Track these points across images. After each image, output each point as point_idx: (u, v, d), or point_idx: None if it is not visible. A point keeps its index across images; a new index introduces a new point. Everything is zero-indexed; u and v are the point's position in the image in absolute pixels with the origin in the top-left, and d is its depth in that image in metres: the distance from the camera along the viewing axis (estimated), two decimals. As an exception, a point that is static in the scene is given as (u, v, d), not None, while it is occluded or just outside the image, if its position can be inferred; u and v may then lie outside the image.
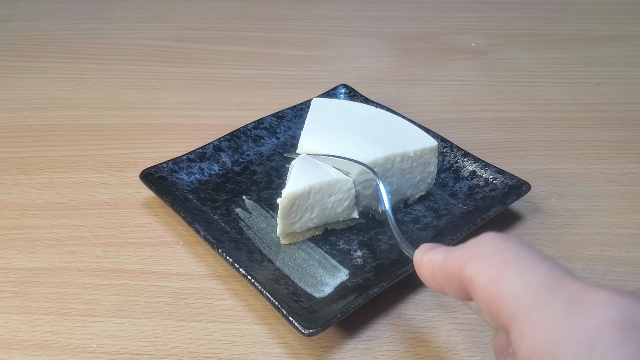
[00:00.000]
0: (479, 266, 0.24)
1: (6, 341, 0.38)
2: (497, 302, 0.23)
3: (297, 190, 0.40)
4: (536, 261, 0.23)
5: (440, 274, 0.27)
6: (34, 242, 0.46)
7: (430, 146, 0.46)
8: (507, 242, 0.24)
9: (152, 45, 0.77)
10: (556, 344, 0.20)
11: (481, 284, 0.23)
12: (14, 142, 0.58)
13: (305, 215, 0.42)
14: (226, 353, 0.37)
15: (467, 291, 0.25)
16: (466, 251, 0.25)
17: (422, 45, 0.77)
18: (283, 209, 0.41)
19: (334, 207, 0.43)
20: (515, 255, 0.23)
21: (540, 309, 0.21)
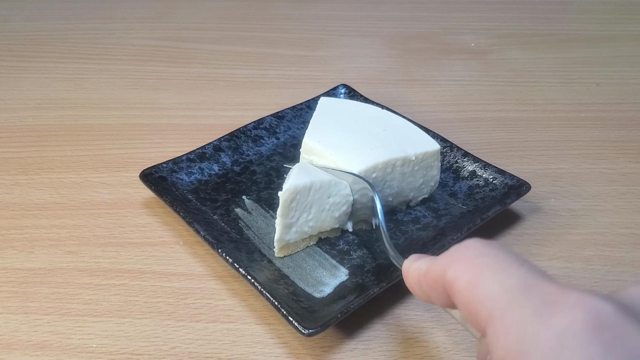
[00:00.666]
0: (459, 270, 0.25)
1: (6, 341, 0.38)
2: (475, 304, 0.23)
3: (299, 184, 0.40)
4: (514, 265, 0.23)
5: (425, 280, 0.27)
6: (34, 242, 0.46)
7: (433, 150, 0.46)
8: (487, 247, 0.25)
9: (152, 45, 0.77)
10: (527, 343, 0.20)
11: (461, 287, 0.24)
12: (14, 142, 0.58)
13: (302, 215, 0.42)
14: (226, 353, 0.37)
15: (450, 296, 0.25)
16: (448, 257, 0.26)
17: (422, 45, 0.77)
18: (284, 202, 0.41)
19: (331, 209, 0.43)
20: (493, 259, 0.24)
21: (514, 309, 0.22)
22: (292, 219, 0.42)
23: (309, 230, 0.43)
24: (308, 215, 0.42)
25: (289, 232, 0.42)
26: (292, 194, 0.40)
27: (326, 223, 0.43)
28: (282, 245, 0.42)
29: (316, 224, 0.43)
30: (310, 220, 0.42)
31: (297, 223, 0.42)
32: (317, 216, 0.42)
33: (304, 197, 0.41)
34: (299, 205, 0.41)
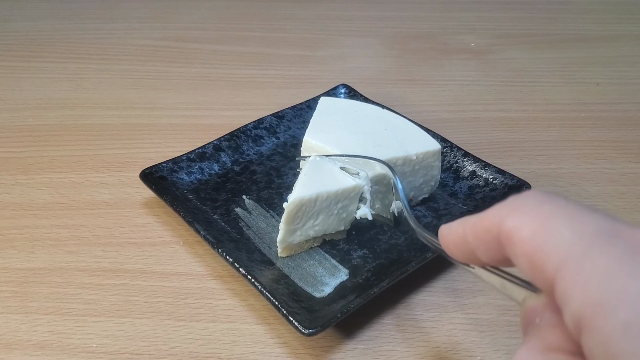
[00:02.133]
0: (522, 219, 0.22)
1: (6, 341, 0.38)
2: (540, 254, 0.21)
3: (304, 196, 0.40)
4: (587, 211, 0.21)
5: (473, 232, 0.25)
6: (34, 242, 0.46)
7: (434, 150, 0.46)
8: (552, 196, 0.22)
9: (152, 45, 0.77)
10: (612, 294, 0.18)
11: (523, 236, 0.21)
12: (14, 142, 0.58)
13: (309, 222, 0.42)
14: (226, 353, 0.37)
15: (503, 249, 0.23)
16: (507, 206, 0.23)
17: (422, 45, 0.77)
18: (289, 214, 0.40)
19: (339, 213, 0.42)
20: (563, 206, 0.21)
21: (595, 257, 0.19)
22: (297, 225, 0.41)
23: (314, 234, 0.43)
24: (315, 221, 0.42)
25: (293, 235, 0.42)
26: (297, 206, 0.40)
27: (333, 226, 0.43)
28: (284, 246, 0.42)
29: (322, 228, 0.43)
30: (317, 225, 0.42)
31: (302, 228, 0.42)
32: (324, 221, 0.42)
33: (310, 207, 0.41)
34: (305, 215, 0.41)
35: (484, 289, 0.42)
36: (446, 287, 0.42)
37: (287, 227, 0.41)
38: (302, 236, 0.42)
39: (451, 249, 0.27)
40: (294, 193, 0.41)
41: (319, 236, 0.43)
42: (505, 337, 0.38)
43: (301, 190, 0.40)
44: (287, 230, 0.41)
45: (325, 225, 0.42)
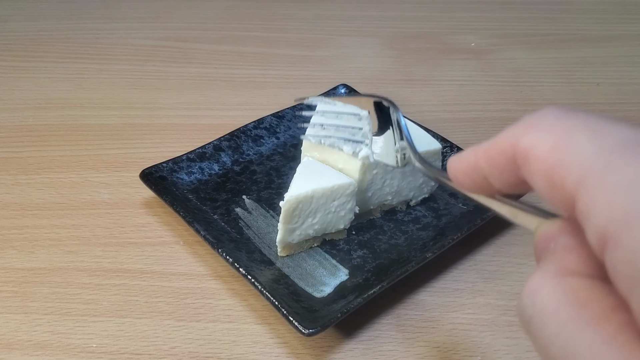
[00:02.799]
0: (539, 135, 0.21)
1: (6, 341, 0.38)
2: (560, 170, 0.19)
3: (300, 194, 0.40)
4: (610, 122, 0.19)
5: (486, 156, 0.23)
6: (34, 242, 0.46)
7: (434, 149, 0.46)
8: (571, 110, 0.21)
9: (152, 45, 0.77)
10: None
11: (541, 153, 0.20)
12: (14, 142, 0.58)
13: (307, 220, 0.42)
14: (226, 353, 0.37)
15: (518, 171, 0.22)
16: (522, 124, 0.22)
17: (422, 45, 0.77)
18: (286, 212, 0.40)
19: (337, 210, 0.43)
20: (584, 119, 0.20)
21: (620, 168, 0.18)
22: (295, 224, 0.42)
23: (313, 233, 0.43)
24: (313, 219, 0.42)
25: (292, 234, 0.42)
26: (293, 204, 0.40)
27: (332, 225, 0.43)
28: (284, 246, 0.42)
29: (321, 227, 0.43)
30: (316, 224, 0.42)
31: (301, 227, 0.42)
32: (322, 219, 0.42)
33: (307, 205, 0.41)
34: (303, 213, 0.41)
35: (484, 289, 0.42)
36: (446, 287, 0.42)
37: (286, 227, 0.41)
38: (302, 235, 0.42)
39: (460, 179, 0.25)
40: (289, 191, 0.41)
41: (318, 235, 0.43)
42: (505, 337, 0.38)
43: (297, 188, 0.40)
44: (286, 229, 0.41)
45: (324, 224, 0.43)
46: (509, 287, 0.42)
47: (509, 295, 0.41)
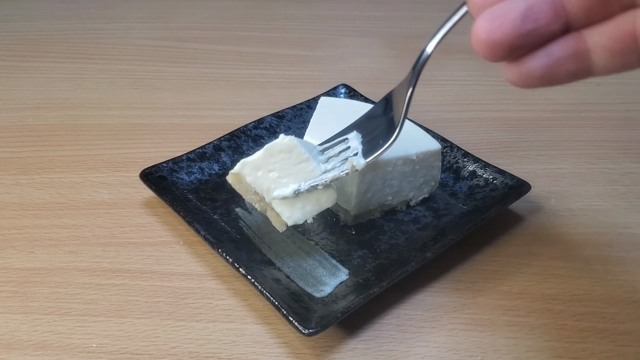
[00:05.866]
0: None
1: (6, 341, 0.38)
2: None
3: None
4: None
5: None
6: (34, 242, 0.46)
7: (434, 150, 0.46)
8: None
9: (152, 45, 0.77)
10: None
11: None
12: (14, 142, 0.58)
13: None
14: (226, 353, 0.37)
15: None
16: None
17: (422, 45, 0.77)
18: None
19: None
20: None
21: None
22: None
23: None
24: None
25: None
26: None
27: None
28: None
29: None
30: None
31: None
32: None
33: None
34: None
35: (484, 289, 0.42)
36: (446, 287, 0.42)
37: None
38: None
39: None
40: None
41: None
42: (505, 337, 0.38)
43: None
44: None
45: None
46: (509, 287, 0.42)
47: (509, 295, 0.41)
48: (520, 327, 0.39)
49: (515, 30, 0.20)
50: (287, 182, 0.38)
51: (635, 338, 0.38)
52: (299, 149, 0.38)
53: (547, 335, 0.38)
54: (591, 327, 0.39)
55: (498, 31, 0.20)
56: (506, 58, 0.21)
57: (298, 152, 0.38)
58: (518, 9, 0.19)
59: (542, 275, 0.43)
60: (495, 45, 0.20)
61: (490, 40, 0.20)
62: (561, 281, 0.42)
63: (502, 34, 0.20)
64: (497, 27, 0.20)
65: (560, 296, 0.41)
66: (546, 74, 0.21)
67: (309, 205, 0.39)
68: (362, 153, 0.37)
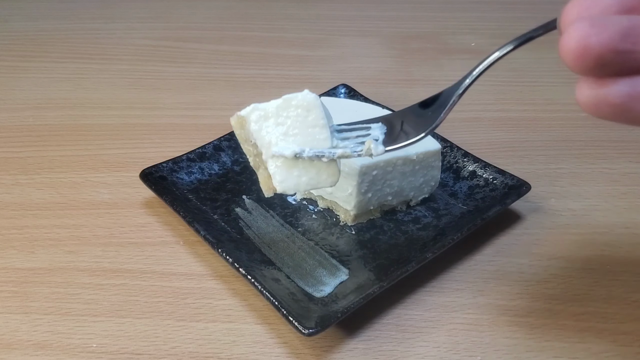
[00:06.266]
0: None
1: (6, 341, 0.38)
2: None
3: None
4: None
5: None
6: (34, 242, 0.46)
7: (434, 149, 0.46)
8: None
9: (152, 45, 0.77)
10: None
11: None
12: (14, 142, 0.58)
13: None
14: (226, 353, 0.37)
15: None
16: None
17: (422, 45, 0.77)
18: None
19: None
20: None
21: None
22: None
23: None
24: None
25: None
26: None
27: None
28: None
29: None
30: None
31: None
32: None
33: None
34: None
35: (484, 289, 0.42)
36: (446, 287, 0.42)
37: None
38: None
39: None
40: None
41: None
42: (505, 337, 0.38)
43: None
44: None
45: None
46: (509, 287, 0.42)
47: (509, 295, 0.41)
48: (520, 327, 0.39)
49: (612, 44, 0.19)
50: (292, 142, 0.34)
51: (635, 338, 0.38)
52: (319, 112, 0.34)
53: (547, 335, 0.38)
54: (591, 327, 0.39)
55: (594, 38, 0.19)
56: (590, 71, 0.20)
57: (317, 114, 0.34)
58: (620, 24, 0.19)
59: (542, 275, 0.43)
60: (586, 51, 0.19)
61: (583, 45, 0.20)
62: (561, 281, 0.42)
63: (597, 42, 0.19)
64: (594, 34, 0.19)
65: (560, 296, 0.41)
66: (622, 105, 0.20)
67: (306, 177, 0.35)
68: (382, 142, 0.34)
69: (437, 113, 0.35)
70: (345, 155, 0.34)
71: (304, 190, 0.35)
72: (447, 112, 0.35)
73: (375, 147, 0.33)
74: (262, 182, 0.36)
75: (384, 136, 0.35)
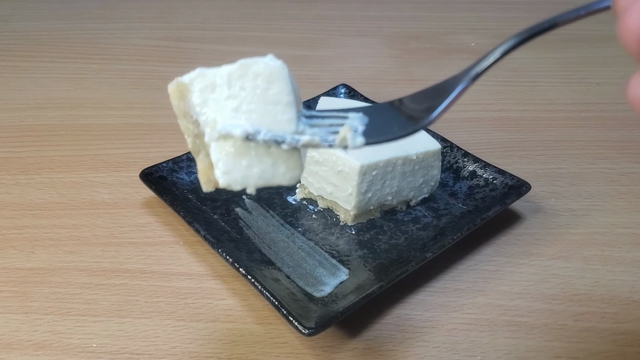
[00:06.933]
0: None
1: (6, 341, 0.38)
2: None
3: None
4: None
5: None
6: (34, 242, 0.46)
7: (434, 149, 0.46)
8: None
9: (152, 45, 0.77)
10: None
11: None
12: (14, 142, 0.58)
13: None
14: (226, 353, 0.37)
15: None
16: None
17: (422, 45, 0.77)
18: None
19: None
20: None
21: None
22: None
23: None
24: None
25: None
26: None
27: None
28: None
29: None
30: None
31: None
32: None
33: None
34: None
35: (484, 289, 0.42)
36: (446, 287, 0.42)
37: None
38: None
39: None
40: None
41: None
42: (505, 337, 0.38)
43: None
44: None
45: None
46: (509, 287, 0.42)
47: (509, 295, 0.41)
48: (520, 327, 0.39)
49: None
50: (245, 120, 0.26)
51: (635, 338, 0.38)
52: (284, 84, 0.26)
53: (547, 335, 0.38)
54: (591, 327, 0.39)
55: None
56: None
57: (281, 87, 0.26)
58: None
59: (542, 275, 0.43)
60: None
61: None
62: (561, 281, 0.42)
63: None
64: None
65: (560, 296, 0.41)
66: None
67: (257, 168, 0.27)
68: (361, 134, 0.27)
69: (435, 104, 0.30)
70: (313, 143, 0.26)
71: (254, 186, 0.27)
72: (451, 103, 0.30)
73: (353, 137, 0.26)
74: (201, 172, 0.29)
75: (364, 127, 0.28)
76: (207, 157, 0.28)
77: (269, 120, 0.26)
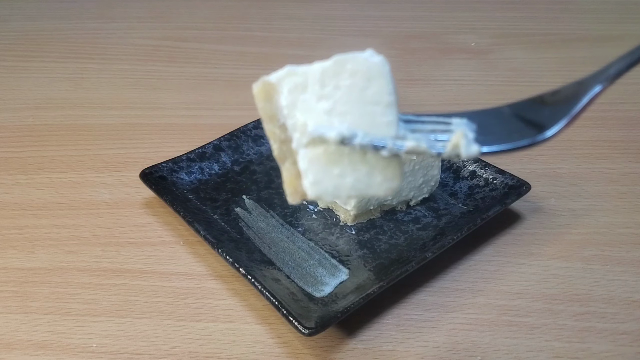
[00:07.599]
0: None
1: (6, 341, 0.38)
2: None
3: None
4: None
5: None
6: (34, 242, 0.46)
7: None
8: None
9: (152, 45, 0.77)
10: None
11: None
12: (14, 142, 0.58)
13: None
14: (226, 353, 0.37)
15: None
16: None
17: (422, 45, 0.77)
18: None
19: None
20: None
21: None
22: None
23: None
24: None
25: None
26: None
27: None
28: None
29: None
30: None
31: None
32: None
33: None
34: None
35: (484, 289, 0.42)
36: (446, 287, 0.42)
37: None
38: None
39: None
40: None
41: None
42: (505, 337, 0.38)
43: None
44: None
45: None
46: (509, 287, 0.42)
47: (509, 295, 0.41)
48: (520, 327, 0.39)
49: None
50: (340, 123, 0.24)
51: (635, 338, 0.38)
52: (385, 83, 0.24)
53: (547, 335, 0.38)
54: (591, 327, 0.39)
55: None
56: None
57: (382, 85, 0.24)
58: None
59: (542, 275, 0.43)
60: None
61: None
62: (561, 281, 0.42)
63: None
64: None
65: (560, 296, 0.41)
66: None
67: (351, 177, 0.24)
68: (473, 141, 0.24)
69: (566, 107, 0.27)
70: (419, 150, 0.23)
71: (345, 197, 0.25)
72: (586, 105, 0.26)
73: (467, 145, 0.23)
74: (287, 182, 0.26)
75: (474, 134, 0.25)
76: (294, 166, 0.25)
77: (367, 123, 0.24)
